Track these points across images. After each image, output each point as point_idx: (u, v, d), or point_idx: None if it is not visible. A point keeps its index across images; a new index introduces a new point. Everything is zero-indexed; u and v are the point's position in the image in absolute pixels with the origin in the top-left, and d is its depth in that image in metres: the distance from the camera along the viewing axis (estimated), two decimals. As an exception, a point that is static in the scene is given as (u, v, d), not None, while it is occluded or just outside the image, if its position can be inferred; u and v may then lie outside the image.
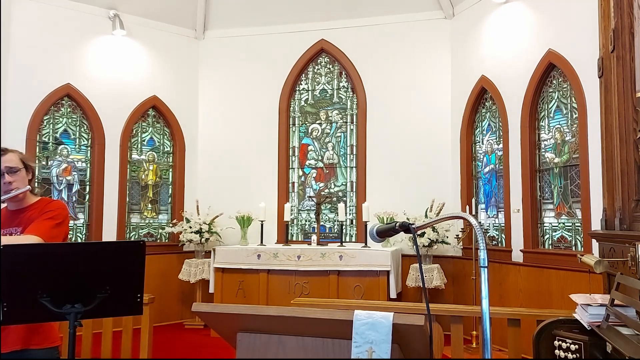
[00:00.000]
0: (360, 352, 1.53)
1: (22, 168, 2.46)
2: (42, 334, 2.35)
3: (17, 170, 2.43)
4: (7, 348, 2.28)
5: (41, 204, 2.49)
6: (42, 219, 2.37)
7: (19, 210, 2.47)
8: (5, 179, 2.38)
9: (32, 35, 6.26)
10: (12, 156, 2.45)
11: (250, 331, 1.72)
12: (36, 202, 2.51)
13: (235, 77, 7.49)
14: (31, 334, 2.31)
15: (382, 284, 5.81)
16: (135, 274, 2.03)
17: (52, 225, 2.36)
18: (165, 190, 7.40)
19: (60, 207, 2.48)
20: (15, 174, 2.41)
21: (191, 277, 6.73)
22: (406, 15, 6.93)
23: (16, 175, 2.42)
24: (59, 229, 2.39)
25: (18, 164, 2.44)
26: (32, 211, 2.45)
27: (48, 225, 2.34)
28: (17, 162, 2.44)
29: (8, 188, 2.39)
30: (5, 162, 2.40)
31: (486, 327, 1.54)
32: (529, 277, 5.38)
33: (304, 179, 7.44)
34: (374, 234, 1.93)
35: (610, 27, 2.88)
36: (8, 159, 2.42)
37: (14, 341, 2.29)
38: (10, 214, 2.48)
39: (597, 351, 2.36)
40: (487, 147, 6.29)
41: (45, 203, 2.50)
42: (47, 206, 2.46)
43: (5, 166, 2.39)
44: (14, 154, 2.47)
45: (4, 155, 2.42)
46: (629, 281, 2.25)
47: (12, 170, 2.41)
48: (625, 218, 2.73)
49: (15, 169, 2.43)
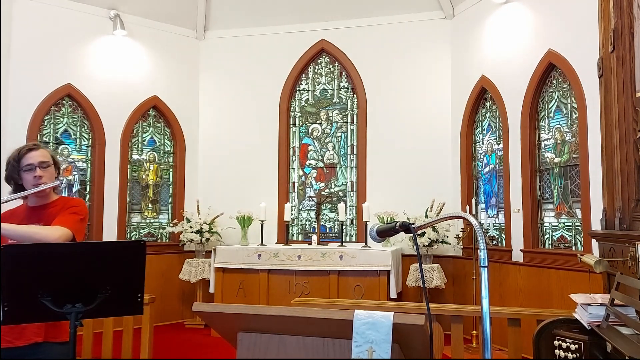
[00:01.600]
0: (360, 351, 1.54)
1: (52, 165, 2.53)
2: (60, 327, 2.37)
3: (47, 166, 2.49)
4: (25, 341, 2.31)
5: (62, 201, 2.54)
6: (67, 213, 2.42)
7: (40, 206, 2.52)
8: (37, 172, 2.45)
9: (33, 35, 6.27)
10: (44, 152, 2.52)
11: (251, 331, 1.72)
12: (57, 199, 2.56)
13: (235, 77, 7.50)
14: (49, 327, 2.34)
15: (383, 284, 5.81)
16: (135, 273, 2.04)
17: (77, 219, 2.42)
18: (165, 190, 7.40)
19: (82, 204, 2.56)
20: (45, 169, 2.48)
21: (192, 277, 6.74)
22: (406, 15, 6.93)
23: (46, 170, 2.48)
24: (82, 224, 2.46)
25: (49, 160, 2.51)
26: (53, 208, 2.50)
27: (73, 219, 2.40)
28: (48, 157, 2.52)
29: (38, 182, 2.45)
30: (38, 157, 2.47)
31: (486, 327, 1.54)
32: (529, 277, 5.38)
33: (304, 179, 7.44)
34: (374, 234, 1.94)
35: (610, 27, 2.88)
36: (40, 154, 2.49)
37: (32, 334, 2.31)
38: (30, 210, 2.52)
39: (597, 351, 2.36)
40: (487, 147, 6.29)
41: (66, 200, 2.56)
42: (69, 202, 2.53)
43: (39, 160, 2.46)
44: (46, 150, 2.55)
45: (36, 149, 2.49)
46: (628, 281, 2.25)
47: (44, 165, 2.48)
48: (625, 218, 2.73)
49: (47, 164, 2.49)
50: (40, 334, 2.32)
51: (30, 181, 2.45)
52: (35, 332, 2.31)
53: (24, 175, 2.46)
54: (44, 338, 2.33)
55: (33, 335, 2.31)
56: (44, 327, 2.33)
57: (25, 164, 2.45)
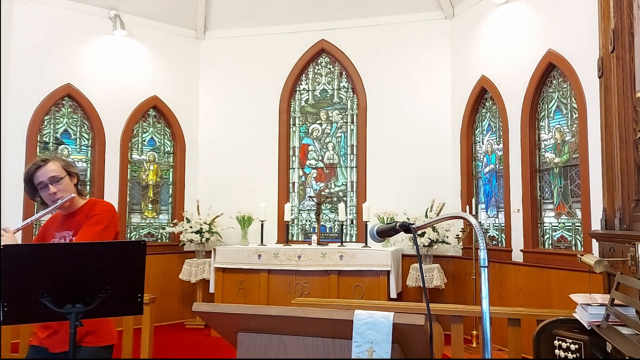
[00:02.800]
0: (360, 351, 1.54)
1: (65, 175, 2.47)
2: (96, 333, 2.38)
3: (60, 179, 2.44)
4: (59, 348, 2.32)
5: (88, 207, 2.51)
6: (88, 225, 2.39)
7: (70, 214, 2.52)
8: (50, 189, 2.41)
9: (33, 35, 6.27)
10: (53, 165, 2.45)
11: (251, 331, 1.72)
12: (84, 204, 2.54)
13: (235, 77, 7.50)
14: (84, 334, 2.33)
15: (383, 284, 5.81)
16: (135, 273, 2.03)
17: (98, 231, 2.38)
18: (165, 190, 7.40)
19: (104, 210, 2.49)
20: (58, 183, 2.43)
21: (192, 277, 6.74)
22: (406, 15, 6.93)
23: (59, 184, 2.43)
24: (105, 233, 2.41)
25: (60, 173, 2.46)
26: (80, 215, 2.49)
27: (94, 231, 2.37)
28: (59, 170, 2.46)
29: (54, 198, 2.41)
30: (47, 173, 2.42)
31: (486, 327, 1.54)
32: (529, 277, 5.38)
33: (304, 179, 7.44)
34: (374, 234, 1.94)
35: (610, 27, 2.88)
36: (50, 169, 2.43)
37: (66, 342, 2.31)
38: (63, 218, 2.54)
39: (597, 351, 2.36)
40: (487, 147, 6.29)
41: (91, 206, 2.51)
42: (92, 210, 2.48)
43: (49, 177, 2.41)
44: (55, 162, 2.48)
45: (44, 165, 2.43)
46: (629, 281, 2.26)
47: (55, 180, 2.43)
48: (625, 218, 2.73)
49: (58, 177, 2.44)
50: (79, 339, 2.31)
51: (47, 198, 2.44)
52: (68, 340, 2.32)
53: (40, 193, 2.45)
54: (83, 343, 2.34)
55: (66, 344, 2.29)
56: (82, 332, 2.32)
57: (37, 183, 2.43)
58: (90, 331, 2.35)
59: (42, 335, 2.40)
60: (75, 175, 2.53)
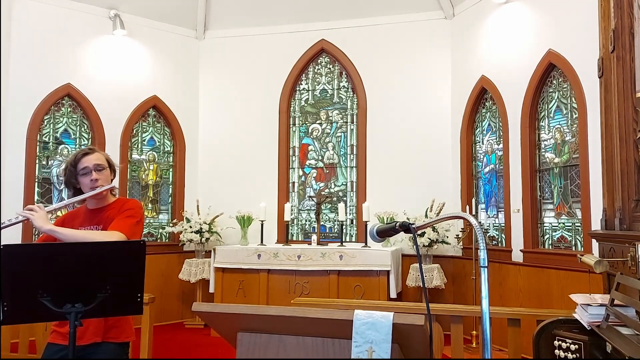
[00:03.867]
0: (360, 351, 1.54)
1: (107, 167, 2.57)
2: (119, 328, 2.42)
3: (103, 169, 2.54)
4: (86, 340, 2.34)
5: (119, 204, 2.57)
6: (122, 217, 2.45)
7: (99, 209, 2.55)
8: (92, 175, 2.48)
9: (33, 35, 6.27)
10: (99, 155, 2.57)
11: (251, 331, 1.72)
12: (114, 202, 2.60)
13: (235, 77, 7.50)
14: (109, 328, 2.38)
15: (382, 284, 5.81)
16: (135, 273, 2.03)
17: (133, 223, 2.44)
18: (165, 190, 7.40)
19: (138, 206, 2.57)
20: (101, 172, 2.52)
21: (191, 277, 6.74)
22: (406, 15, 6.93)
23: (101, 173, 2.52)
24: (138, 227, 2.48)
25: (104, 163, 2.56)
26: (110, 210, 2.53)
27: (129, 222, 2.43)
28: (102, 160, 2.56)
29: (94, 185, 2.49)
30: (93, 160, 2.52)
31: (486, 327, 1.54)
32: (529, 277, 5.38)
33: (304, 179, 7.44)
34: (374, 234, 1.94)
35: (610, 27, 2.88)
36: (95, 158, 2.54)
37: (92, 334, 2.35)
38: (89, 212, 2.56)
39: (597, 351, 2.36)
40: (487, 147, 6.29)
41: (122, 202, 2.59)
42: (125, 205, 2.55)
43: (94, 164, 2.51)
44: (101, 153, 2.60)
45: (91, 153, 2.54)
46: (628, 281, 2.25)
47: (99, 168, 2.52)
48: (625, 218, 2.73)
49: (102, 166, 2.54)
50: (99, 334, 2.36)
51: (87, 184, 2.49)
52: (94, 332, 2.35)
53: (81, 179, 2.51)
54: (103, 338, 2.37)
55: (93, 335, 2.35)
56: (103, 328, 2.37)
57: (81, 167, 2.50)
58: (114, 326, 2.39)
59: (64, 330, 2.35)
60: (114, 171, 2.63)
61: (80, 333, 2.32)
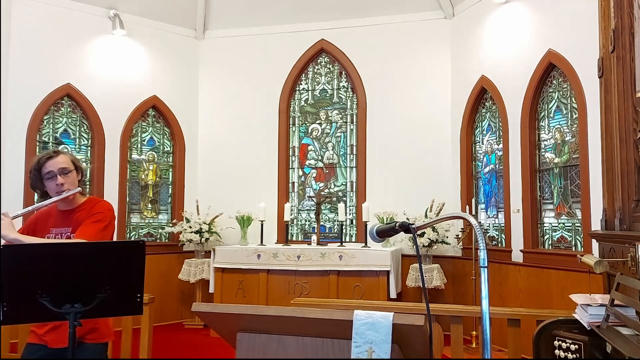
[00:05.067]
0: (360, 352, 1.53)
1: (73, 170, 2.52)
2: (98, 330, 2.42)
3: (68, 172, 2.48)
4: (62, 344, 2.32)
5: (89, 205, 2.53)
6: (89, 222, 2.42)
7: (69, 210, 2.52)
8: (58, 180, 2.44)
9: (32, 35, 6.26)
10: (64, 157, 2.51)
11: (250, 331, 1.72)
12: (84, 202, 2.56)
13: (235, 77, 7.49)
14: (88, 330, 2.37)
15: (382, 284, 5.81)
16: (135, 273, 2.03)
17: (99, 228, 2.41)
18: (165, 190, 7.40)
19: (107, 209, 2.53)
20: (67, 175, 2.47)
21: (191, 277, 6.73)
22: (406, 15, 6.93)
23: (68, 177, 2.47)
24: (105, 232, 2.45)
25: (70, 166, 2.50)
26: (80, 212, 2.50)
27: (95, 229, 2.40)
28: (68, 163, 2.51)
29: (60, 189, 2.44)
30: (58, 164, 2.46)
31: (486, 327, 1.54)
32: (529, 277, 5.38)
33: (304, 179, 7.44)
34: (374, 234, 1.93)
35: (610, 27, 2.88)
36: (61, 161, 2.48)
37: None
38: (60, 214, 2.54)
39: (597, 351, 2.36)
40: (487, 147, 6.29)
41: (92, 204, 2.54)
42: (93, 208, 2.51)
43: (59, 168, 2.45)
44: (66, 155, 2.54)
45: (56, 157, 2.49)
46: (629, 281, 2.25)
47: (65, 172, 2.47)
48: (625, 218, 2.73)
49: (67, 170, 2.48)
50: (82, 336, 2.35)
51: (54, 189, 2.45)
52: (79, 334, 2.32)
53: (46, 183, 2.47)
54: (83, 340, 2.37)
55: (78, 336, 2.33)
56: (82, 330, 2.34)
57: (45, 172, 2.46)
58: (93, 328, 2.39)
59: (41, 332, 2.40)
60: (81, 171, 2.58)
61: (57, 336, 2.33)
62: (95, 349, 2.41)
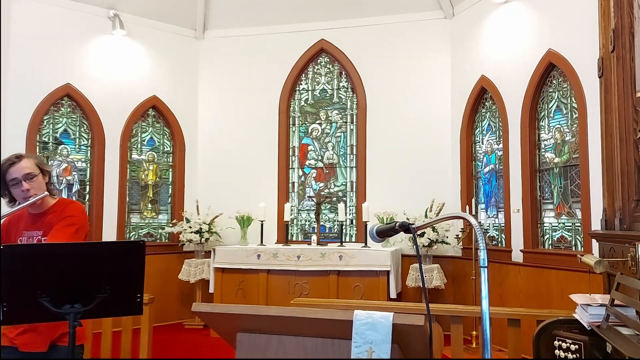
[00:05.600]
0: (360, 352, 1.53)
1: (39, 173, 2.46)
2: None
3: (33, 177, 2.43)
4: (37, 348, 2.33)
5: (60, 207, 2.49)
6: (61, 226, 2.38)
7: (40, 214, 2.48)
8: (23, 186, 2.39)
9: (32, 35, 6.26)
10: (27, 162, 2.45)
11: (250, 331, 1.71)
12: (55, 204, 2.52)
13: (235, 77, 7.49)
14: (63, 334, 2.35)
15: (382, 284, 5.80)
16: (135, 274, 2.03)
17: (72, 232, 2.38)
18: (165, 190, 7.40)
19: (78, 211, 2.49)
20: (32, 180, 2.42)
21: (191, 277, 6.73)
22: (406, 15, 6.92)
23: (33, 181, 2.42)
24: (78, 235, 2.41)
25: (34, 170, 2.45)
26: (51, 214, 2.46)
27: (67, 233, 2.36)
28: (33, 167, 2.45)
29: (27, 195, 2.39)
30: (22, 170, 2.41)
31: (486, 327, 1.54)
32: (529, 277, 5.38)
33: (304, 179, 7.44)
34: (374, 234, 1.93)
35: (610, 27, 2.88)
36: (24, 166, 2.43)
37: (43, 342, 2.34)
38: (31, 217, 2.49)
39: (597, 351, 2.36)
40: (487, 147, 6.29)
41: (63, 206, 2.50)
42: (64, 211, 2.46)
43: (23, 174, 2.40)
44: (29, 159, 2.48)
45: (19, 162, 2.43)
46: (629, 281, 2.25)
47: (29, 177, 2.42)
48: (625, 218, 2.73)
49: (32, 175, 2.43)
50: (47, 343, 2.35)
51: (20, 195, 2.41)
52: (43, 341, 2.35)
53: (12, 190, 2.42)
54: (58, 343, 2.37)
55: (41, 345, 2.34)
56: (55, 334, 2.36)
57: (10, 179, 2.40)
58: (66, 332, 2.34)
59: (11, 335, 2.37)
60: (47, 173, 2.52)
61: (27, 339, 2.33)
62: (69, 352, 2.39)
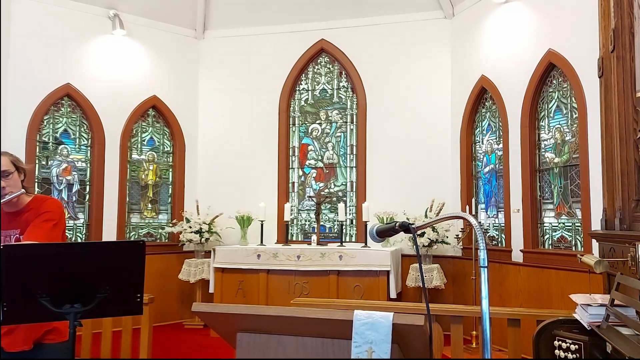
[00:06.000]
0: (360, 352, 1.53)
1: (14, 171, 2.44)
2: (57, 330, 2.40)
3: (9, 174, 2.40)
4: (20, 347, 2.32)
5: (36, 204, 2.47)
6: (39, 222, 2.36)
7: (16, 212, 2.46)
8: None
9: (32, 35, 6.26)
10: (3, 160, 2.42)
11: (250, 331, 1.71)
12: (30, 201, 2.49)
13: (235, 77, 7.49)
14: (46, 332, 2.36)
15: (382, 284, 5.80)
16: (135, 273, 2.03)
17: (49, 227, 2.36)
18: (165, 190, 7.40)
19: (55, 206, 2.46)
20: (7, 178, 2.39)
21: (191, 277, 6.73)
22: (406, 15, 6.92)
23: (9, 179, 2.39)
24: (56, 230, 2.39)
25: (10, 168, 2.42)
26: (28, 212, 2.44)
27: (45, 228, 2.34)
28: (8, 165, 2.42)
29: (3, 193, 2.36)
30: None
31: (486, 327, 1.54)
32: (529, 277, 5.38)
33: (304, 179, 7.44)
34: (373, 234, 1.93)
35: (610, 27, 2.88)
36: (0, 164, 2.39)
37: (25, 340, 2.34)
38: (7, 216, 2.46)
39: (597, 351, 2.36)
40: (487, 147, 6.28)
41: (39, 203, 2.47)
42: (41, 207, 2.44)
43: None
44: (5, 157, 2.45)
45: None
46: (629, 281, 2.25)
47: (5, 175, 2.39)
48: (625, 218, 2.73)
49: (7, 172, 2.40)
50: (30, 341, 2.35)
51: None
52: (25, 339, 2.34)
53: None
54: (42, 341, 2.37)
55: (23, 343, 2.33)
56: (38, 333, 2.36)
57: None
58: (51, 328, 2.38)
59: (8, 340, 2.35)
60: (23, 171, 2.50)
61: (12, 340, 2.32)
62: (56, 349, 2.38)
